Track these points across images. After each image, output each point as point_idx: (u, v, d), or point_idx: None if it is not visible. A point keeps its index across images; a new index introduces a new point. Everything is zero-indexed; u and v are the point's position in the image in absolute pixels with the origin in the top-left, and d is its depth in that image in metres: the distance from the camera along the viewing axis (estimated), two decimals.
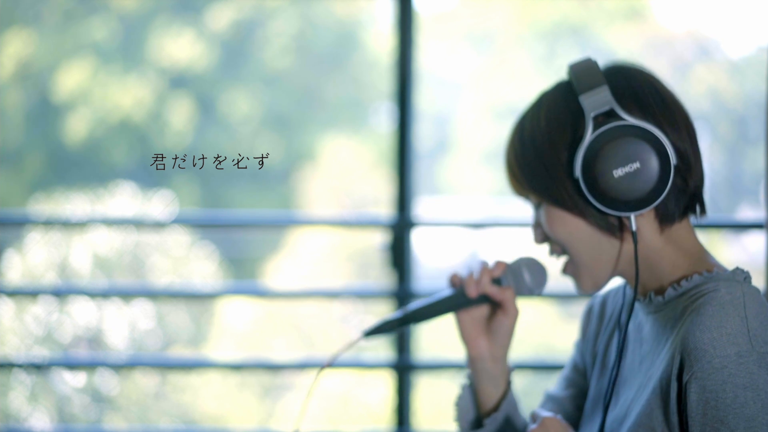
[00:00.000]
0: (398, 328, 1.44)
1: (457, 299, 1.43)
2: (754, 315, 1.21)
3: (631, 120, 1.26)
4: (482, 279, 1.42)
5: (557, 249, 1.36)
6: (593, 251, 1.33)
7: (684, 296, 1.27)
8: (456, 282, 1.45)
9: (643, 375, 1.31)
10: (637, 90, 1.30)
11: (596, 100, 1.27)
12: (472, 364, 1.47)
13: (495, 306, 1.44)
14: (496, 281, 1.42)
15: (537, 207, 1.36)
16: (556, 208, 1.32)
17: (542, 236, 1.37)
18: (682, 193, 1.30)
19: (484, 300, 1.43)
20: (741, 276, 1.27)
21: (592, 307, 1.51)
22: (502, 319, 1.43)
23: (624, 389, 1.36)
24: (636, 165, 1.25)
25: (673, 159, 1.26)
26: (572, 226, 1.32)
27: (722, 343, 1.19)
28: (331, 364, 1.49)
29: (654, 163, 1.26)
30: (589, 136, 1.27)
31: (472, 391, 1.49)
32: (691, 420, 1.20)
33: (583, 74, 1.29)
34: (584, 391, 1.50)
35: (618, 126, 1.26)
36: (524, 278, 1.41)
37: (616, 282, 1.42)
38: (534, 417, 1.33)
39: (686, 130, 1.30)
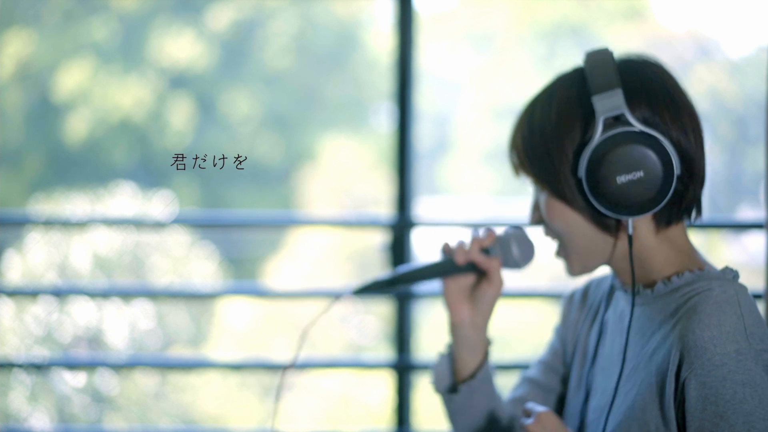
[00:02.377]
0: (386, 289, 1.47)
1: (446, 266, 1.47)
2: (748, 313, 1.24)
3: (639, 127, 1.27)
4: (471, 247, 1.45)
5: (552, 233, 1.39)
6: (587, 244, 1.35)
7: (675, 293, 1.29)
8: (447, 250, 1.48)
9: (625, 365, 1.33)
10: (650, 91, 1.30)
11: (608, 103, 1.28)
12: (453, 330, 1.50)
13: (481, 275, 1.47)
14: (485, 251, 1.45)
15: (538, 190, 1.37)
16: (555, 200, 1.34)
17: (538, 218, 1.39)
18: (681, 199, 1.31)
19: (472, 268, 1.46)
20: (730, 275, 1.30)
21: (574, 294, 1.53)
22: (486, 289, 1.46)
23: (603, 378, 1.38)
24: (640, 174, 1.27)
25: (677, 169, 1.28)
26: (570, 218, 1.34)
27: (722, 340, 1.22)
28: (315, 323, 1.52)
29: (658, 172, 1.27)
30: (597, 138, 1.28)
31: (451, 360, 1.52)
32: (690, 415, 1.23)
33: (599, 72, 1.29)
34: (562, 376, 1.52)
35: (626, 132, 1.27)
36: (512, 251, 1.44)
37: (601, 271, 1.44)
38: (528, 412, 1.33)
39: (693, 133, 1.31)
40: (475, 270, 1.46)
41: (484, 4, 10.52)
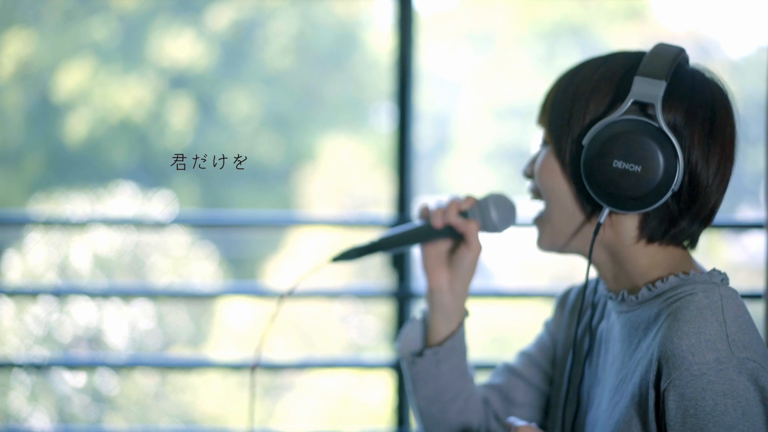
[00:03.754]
0: (365, 255, 1.44)
1: (424, 230, 1.44)
2: (732, 319, 1.18)
3: (662, 124, 1.22)
4: (449, 210, 1.42)
5: (535, 191, 1.37)
6: (562, 213, 1.32)
7: (659, 298, 1.24)
8: (425, 213, 1.45)
9: (614, 376, 1.29)
10: (694, 104, 1.25)
11: (645, 89, 1.22)
12: (429, 295, 1.46)
13: (460, 239, 1.44)
14: (463, 214, 1.43)
15: (543, 144, 1.35)
16: (554, 157, 1.32)
17: (531, 173, 1.37)
18: (671, 221, 1.26)
19: (450, 232, 1.43)
20: (718, 278, 1.24)
21: (569, 293, 1.50)
22: (464, 253, 1.43)
23: (597, 391, 1.33)
24: (637, 168, 1.21)
25: (676, 185, 1.22)
26: (557, 181, 1.31)
27: (701, 349, 1.16)
28: (293, 291, 1.51)
29: (656, 176, 1.22)
30: (616, 115, 1.24)
31: (424, 327, 1.48)
32: (670, 429, 1.17)
33: (656, 59, 1.24)
34: (547, 375, 1.49)
35: (646, 123, 1.22)
36: (490, 214, 1.42)
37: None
38: (509, 426, 1.29)
39: (717, 168, 1.26)
40: (454, 234, 1.43)
41: (484, 4, 10.51)
